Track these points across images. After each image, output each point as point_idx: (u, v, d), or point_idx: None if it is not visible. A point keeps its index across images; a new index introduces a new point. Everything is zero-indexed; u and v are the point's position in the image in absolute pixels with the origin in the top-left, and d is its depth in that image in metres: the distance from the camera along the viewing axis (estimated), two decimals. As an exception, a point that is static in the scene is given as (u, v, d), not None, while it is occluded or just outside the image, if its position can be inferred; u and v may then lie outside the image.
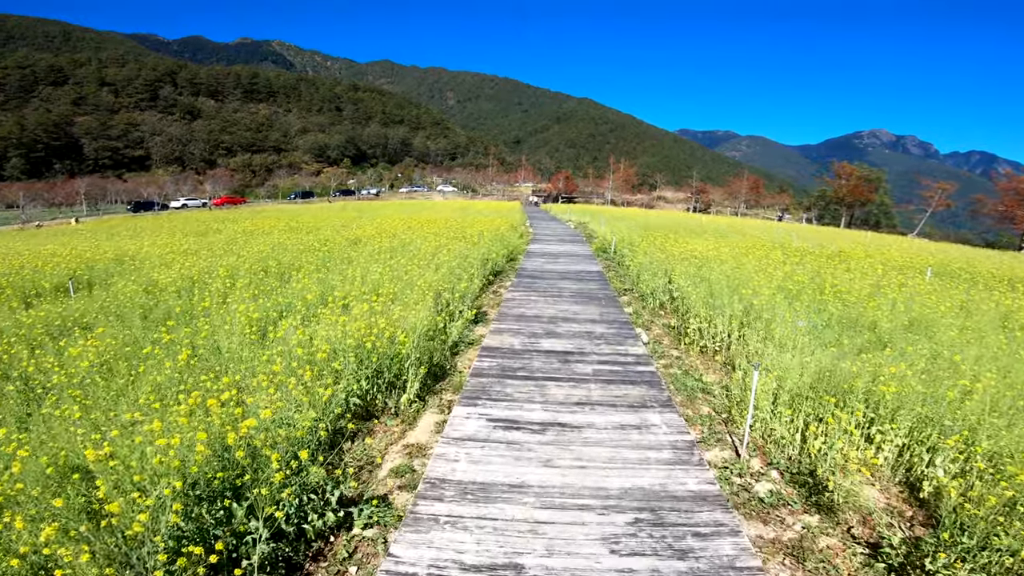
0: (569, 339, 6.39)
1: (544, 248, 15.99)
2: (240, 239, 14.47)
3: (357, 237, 13.88)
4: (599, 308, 7.95)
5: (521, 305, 8.02)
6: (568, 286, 9.71)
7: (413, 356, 5.30)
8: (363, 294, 6.77)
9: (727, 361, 6.83)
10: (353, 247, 12.26)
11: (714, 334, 7.13)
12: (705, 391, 6.03)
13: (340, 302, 6.34)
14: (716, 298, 7.63)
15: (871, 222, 64.44)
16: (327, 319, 5.54)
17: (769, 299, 7.21)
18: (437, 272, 8.43)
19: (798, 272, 9.82)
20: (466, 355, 6.76)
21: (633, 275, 11.00)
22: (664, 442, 4.12)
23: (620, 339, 6.50)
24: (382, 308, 5.99)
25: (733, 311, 7.14)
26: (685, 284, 8.24)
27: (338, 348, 4.93)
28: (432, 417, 5.18)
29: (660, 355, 6.94)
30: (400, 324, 5.50)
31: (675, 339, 7.80)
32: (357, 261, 9.95)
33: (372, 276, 7.34)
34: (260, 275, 8.45)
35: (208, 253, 11.57)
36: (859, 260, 13.01)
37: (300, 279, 7.75)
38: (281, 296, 6.55)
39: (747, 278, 8.61)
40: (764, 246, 14.31)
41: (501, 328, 6.78)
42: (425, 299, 6.46)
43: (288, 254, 10.54)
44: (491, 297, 9.77)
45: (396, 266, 8.54)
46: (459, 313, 7.55)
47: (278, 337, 5.00)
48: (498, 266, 12.19)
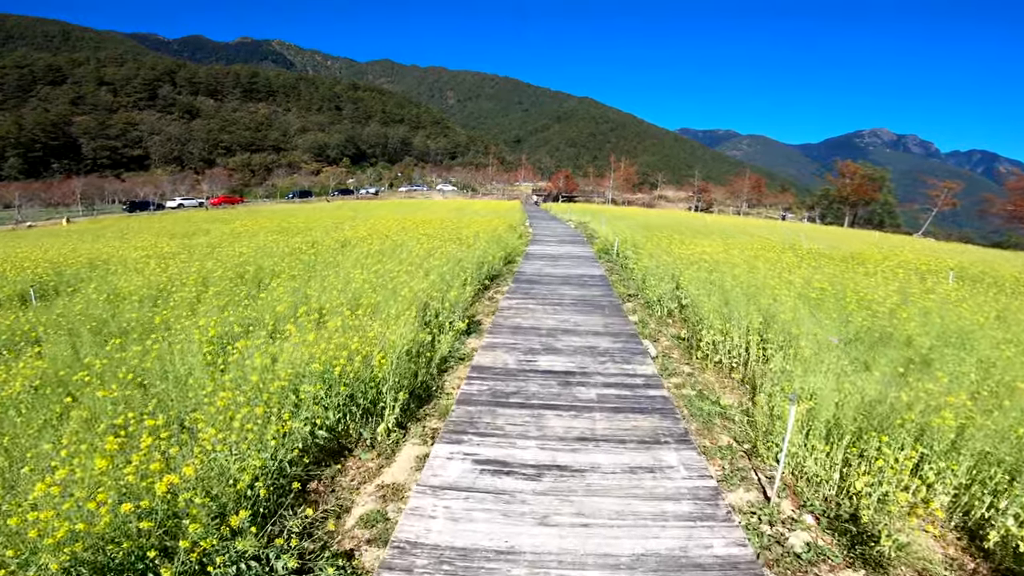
0: (570, 356, 5.72)
1: (544, 250, 15.33)
2: (225, 241, 13.82)
3: (347, 239, 13.22)
4: (603, 318, 7.28)
5: (518, 314, 7.35)
6: (569, 292, 9.04)
7: (392, 380, 4.64)
8: (341, 305, 6.11)
9: (745, 379, 6.17)
10: (342, 250, 11.60)
11: (730, 348, 6.47)
12: (724, 416, 5.37)
13: (314, 315, 5.67)
14: (731, 307, 6.96)
15: (874, 221, 63.66)
16: (296, 337, 4.88)
17: (791, 309, 6.54)
18: (427, 278, 7.77)
19: (815, 277, 9.15)
20: (455, 373, 6.10)
21: (638, 279, 10.34)
22: (683, 489, 3.45)
23: (627, 356, 5.83)
24: (360, 323, 5.33)
25: (751, 322, 6.47)
26: (696, 291, 7.57)
27: (303, 373, 4.26)
28: (413, 450, 4.53)
29: (670, 372, 6.27)
30: (378, 342, 4.84)
31: (686, 352, 7.13)
32: (343, 266, 9.29)
33: (354, 284, 6.67)
34: (235, 282, 7.79)
35: (187, 256, 10.93)
36: (876, 263, 12.33)
37: (276, 287, 7.09)
38: (251, 308, 5.88)
39: (763, 284, 7.94)
40: (775, 248, 13.63)
41: (495, 343, 6.11)
42: (409, 311, 5.79)
43: (270, 258, 9.88)
44: (486, 304, 9.10)
45: (382, 272, 7.88)
46: (449, 324, 6.89)
47: (233, 361, 4.33)
48: (495, 269, 11.53)
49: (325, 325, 5.35)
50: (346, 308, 5.78)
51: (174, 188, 78.11)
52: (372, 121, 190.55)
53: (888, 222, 64.46)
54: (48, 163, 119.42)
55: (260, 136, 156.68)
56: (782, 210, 70.32)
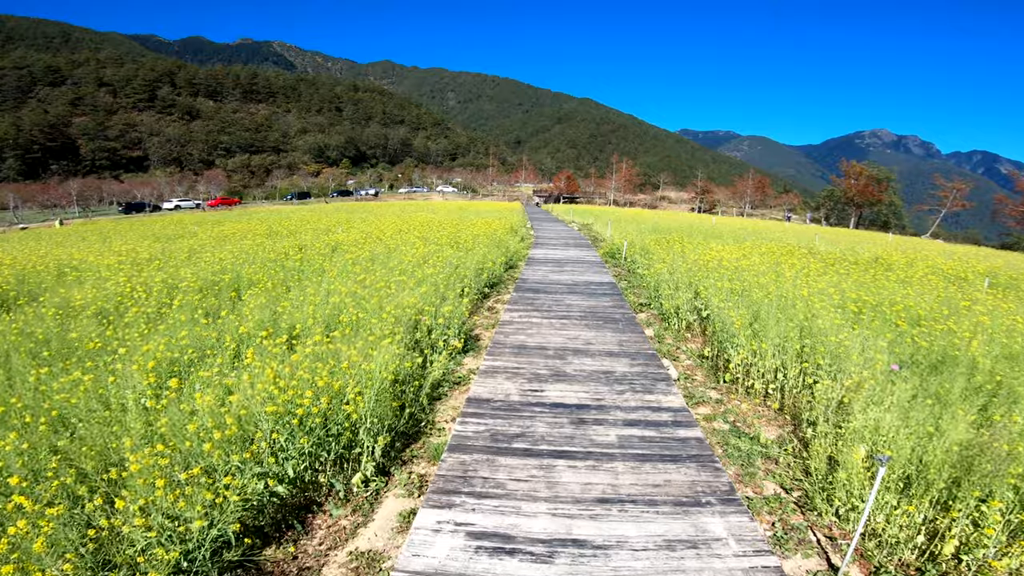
0: (583, 384, 4.90)
1: (547, 254, 14.50)
2: (208, 246, 13.01)
3: (338, 243, 12.41)
4: (617, 334, 6.46)
5: (521, 330, 6.53)
6: (577, 302, 8.22)
7: (370, 420, 3.82)
8: (316, 324, 5.29)
9: (785, 408, 5.34)
10: (331, 255, 10.79)
11: (764, 370, 5.65)
12: (766, 456, 4.55)
13: (284, 336, 4.86)
14: (762, 322, 6.14)
15: (880, 222, 62.77)
16: (257, 366, 4.06)
17: (834, 325, 5.72)
18: (419, 288, 6.95)
19: (846, 285, 8.32)
20: (449, 401, 5.29)
21: (650, 287, 9.52)
22: (737, 573, 2.64)
23: (648, 382, 5.01)
24: (336, 347, 4.51)
25: (787, 340, 5.66)
26: (720, 303, 6.75)
27: (258, 416, 3.45)
28: (396, 504, 3.72)
29: (697, 399, 5.45)
30: (355, 374, 4.02)
31: (711, 374, 6.31)
32: (329, 273, 8.48)
33: (334, 299, 5.85)
34: (205, 294, 6.98)
35: (162, 263, 10.11)
36: (903, 268, 11.50)
37: (248, 300, 6.28)
38: (211, 328, 5.07)
39: (792, 294, 7.12)
40: (793, 251, 12.80)
41: (495, 367, 5.29)
42: (395, 333, 4.98)
43: (251, 265, 9.07)
44: (485, 316, 8.29)
45: (369, 282, 7.06)
46: (444, 342, 6.08)
47: (177, 398, 3.52)
48: (495, 276, 10.71)
49: (298, 348, 4.53)
50: (320, 328, 4.96)
51: (171, 190, 77.41)
52: (372, 122, 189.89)
53: (894, 223, 63.58)
54: (47, 164, 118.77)
55: (260, 137, 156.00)
56: (786, 211, 69.46)
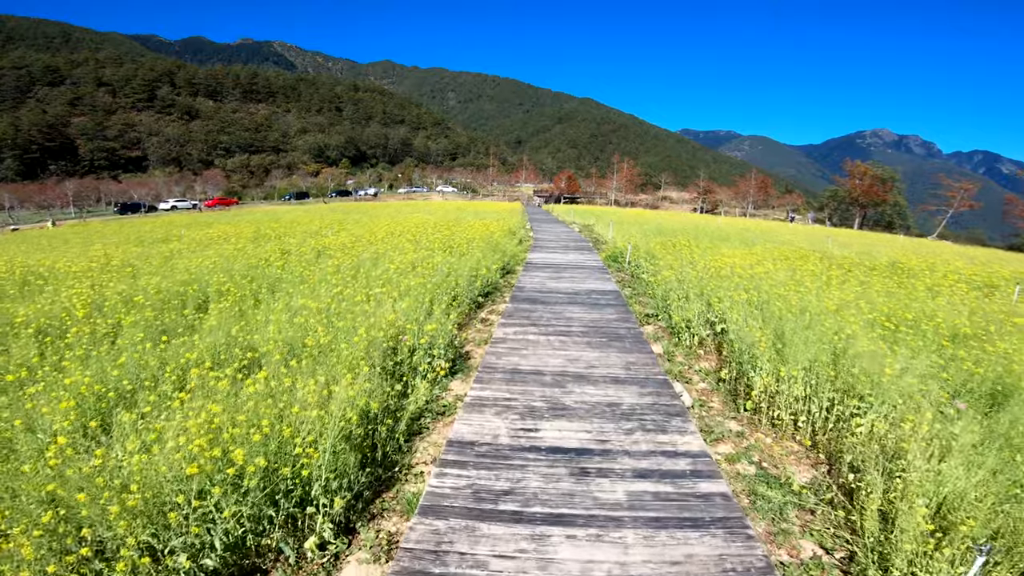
0: (584, 420, 4.20)
1: (546, 258, 13.80)
2: (189, 250, 12.33)
3: (325, 248, 11.72)
4: (623, 355, 5.75)
5: (515, 349, 5.82)
6: (578, 314, 7.51)
7: (325, 477, 3.13)
8: (281, 344, 4.60)
9: (819, 445, 4.64)
10: (316, 261, 10.11)
11: (791, 398, 4.94)
12: (799, 506, 3.85)
13: (236, 364, 4.17)
14: (787, 340, 5.44)
15: (884, 223, 61.99)
16: (193, 406, 3.37)
17: (873, 346, 5.02)
18: (403, 301, 6.26)
19: (872, 296, 7.62)
20: (431, 435, 4.59)
21: (657, 296, 8.81)
22: None
23: (661, 418, 4.31)
24: (293, 380, 3.81)
25: (819, 364, 4.96)
26: (738, 317, 6.05)
27: (180, 478, 2.76)
28: (358, 572, 3.03)
29: (716, 434, 4.74)
30: (308, 416, 3.32)
31: (728, 399, 5.60)
32: (310, 280, 7.80)
33: (301, 317, 5.15)
34: (164, 308, 6.29)
35: (134, 269, 9.44)
36: (923, 274, 10.79)
37: (210, 317, 5.59)
38: (155, 354, 4.37)
39: (817, 307, 6.42)
40: (807, 256, 12.10)
41: (483, 398, 4.59)
42: (368, 359, 4.28)
43: (225, 273, 8.38)
44: (478, 329, 7.59)
45: (347, 295, 6.36)
46: (429, 364, 5.38)
47: (68, 459, 2.83)
48: (490, 282, 10.02)
49: (247, 383, 3.84)
50: (280, 355, 4.26)
51: (168, 190, 76.84)
52: (372, 122, 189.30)
53: (899, 224, 62.78)
54: (45, 165, 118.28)
55: (259, 137, 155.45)
56: (790, 212, 68.71)
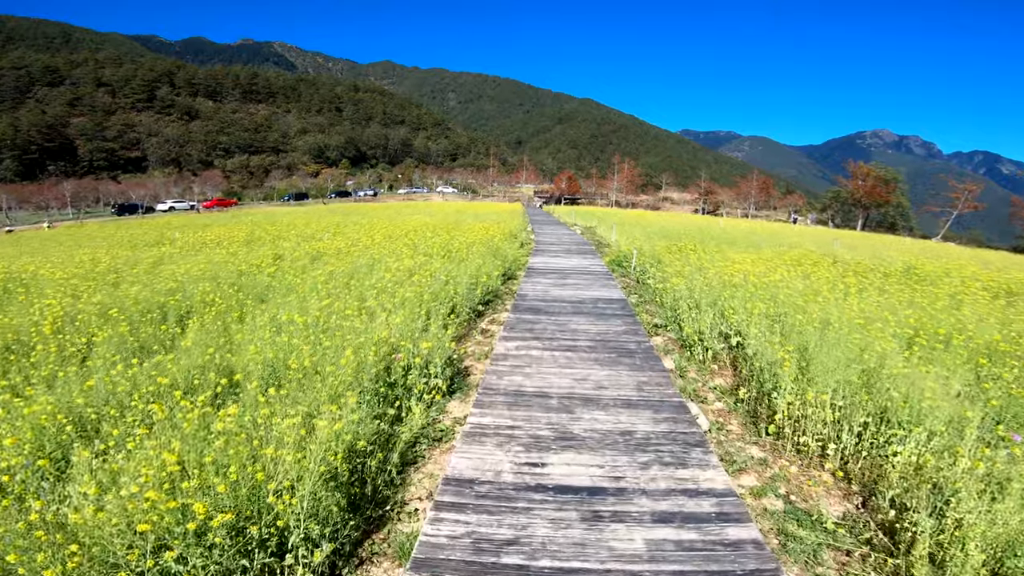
0: (595, 452, 3.79)
1: (548, 263, 13.40)
2: (179, 255, 11.93)
3: (320, 252, 11.33)
4: (634, 373, 5.34)
5: (517, 367, 5.41)
6: (584, 326, 7.11)
7: (304, 525, 2.73)
8: (262, 366, 4.20)
9: (852, 476, 4.23)
10: (310, 267, 9.72)
11: (818, 421, 4.54)
12: (834, 547, 3.46)
13: (212, 389, 3.77)
14: (811, 358, 5.04)
15: (887, 224, 61.56)
16: (161, 437, 2.97)
17: (905, 366, 4.62)
18: (397, 314, 5.86)
19: (894, 305, 7.21)
20: (427, 465, 4.19)
21: (667, 305, 8.41)
22: None
23: (680, 449, 3.91)
24: (271, 409, 3.41)
25: (849, 385, 4.56)
26: (757, 331, 5.64)
27: (128, 529, 2.36)
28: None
29: (736, 463, 4.34)
30: (285, 458, 2.92)
31: (747, 421, 5.20)
32: (299, 290, 7.40)
33: (285, 336, 4.74)
34: (144, 320, 5.89)
35: (118, 276, 9.04)
36: (941, 280, 10.38)
37: (188, 334, 5.20)
38: (125, 377, 3.97)
39: (839, 319, 6.02)
40: (818, 260, 11.69)
41: (483, 426, 4.19)
42: (357, 384, 3.88)
43: (212, 281, 7.99)
44: (478, 341, 7.18)
45: (338, 308, 5.96)
46: (425, 385, 4.98)
47: None
48: (491, 289, 9.62)
49: (218, 417, 3.43)
50: (260, 379, 3.86)
51: (167, 191, 76.48)
52: (373, 122, 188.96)
53: (901, 225, 62.35)
54: (44, 165, 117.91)
55: (259, 138, 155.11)
56: (792, 213, 68.30)
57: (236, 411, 3.02)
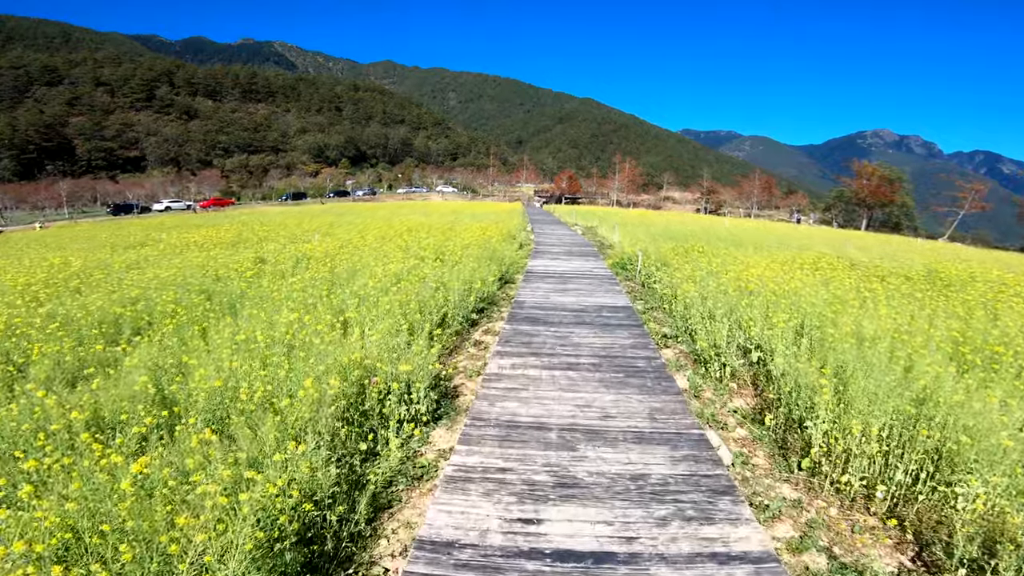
0: (603, 503, 3.14)
1: (548, 266, 12.74)
2: (159, 257, 11.29)
3: (306, 255, 10.68)
4: (644, 397, 4.68)
5: (512, 390, 4.75)
6: (587, 339, 6.45)
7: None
8: (208, 397, 3.54)
9: (907, 522, 3.57)
10: (290, 272, 9.07)
11: (864, 459, 3.88)
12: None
13: (139, 427, 3.12)
14: (849, 381, 4.39)
15: (891, 224, 60.80)
16: (42, 508, 2.32)
17: (955, 385, 3.97)
18: (376, 327, 5.21)
19: (928, 312, 6.56)
20: (402, 512, 3.54)
21: (677, 314, 7.75)
22: None
23: (704, 498, 3.25)
24: (197, 463, 2.75)
25: (901, 415, 3.91)
26: (784, 349, 4.98)
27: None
28: None
29: (771, 511, 3.67)
30: (208, 531, 2.27)
31: (775, 451, 4.54)
32: (275, 300, 6.75)
33: (235, 361, 4.08)
34: (95, 335, 5.24)
35: (85, 280, 8.39)
36: (967, 285, 9.71)
37: (134, 353, 4.55)
38: (41, 412, 3.31)
39: (874, 333, 5.37)
40: (834, 264, 11.03)
41: (468, 468, 3.52)
42: (314, 425, 3.23)
43: (180, 289, 7.35)
44: (470, 354, 6.53)
45: (309, 321, 5.30)
46: (406, 411, 4.33)
47: None
48: (487, 296, 8.97)
49: (132, 470, 2.78)
50: (195, 418, 3.21)
51: (164, 191, 75.89)
52: (372, 122, 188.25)
53: (906, 225, 61.57)
54: (42, 165, 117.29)
55: (259, 137, 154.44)
56: (795, 213, 67.58)
57: (142, 465, 2.37)
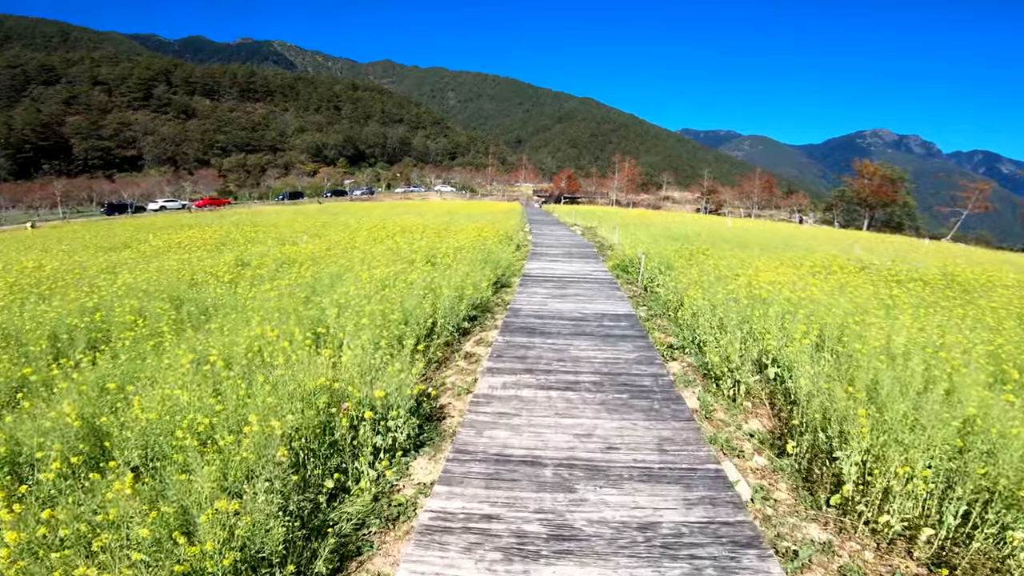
0: (605, 563, 2.60)
1: (546, 268, 12.21)
2: (138, 260, 10.77)
3: (291, 258, 10.15)
4: (652, 423, 4.15)
5: (503, 415, 4.22)
6: (587, 352, 5.92)
7: None
8: (145, 431, 3.02)
9: (953, 565, 3.06)
10: (273, 276, 8.54)
11: (907, 498, 3.37)
12: None
13: (50, 473, 2.59)
14: (884, 404, 3.88)
15: (893, 224, 60.31)
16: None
17: (1005, 410, 3.45)
18: (353, 345, 4.68)
19: (956, 325, 6.04)
20: (373, 561, 3.02)
21: (684, 324, 7.23)
22: None
23: (728, 554, 2.73)
24: (113, 515, 2.23)
25: (936, 442, 3.40)
26: (808, 367, 4.46)
27: None
28: None
29: (798, 556, 3.16)
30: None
31: (798, 482, 4.02)
32: (250, 308, 6.22)
33: (182, 392, 3.55)
34: (43, 351, 4.72)
35: (51, 286, 7.85)
36: (989, 291, 9.19)
37: (79, 376, 4.03)
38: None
39: (906, 345, 4.85)
40: (845, 266, 10.52)
41: (448, 515, 3.00)
42: (265, 466, 2.71)
43: (145, 297, 6.83)
44: (460, 367, 6.00)
45: (275, 336, 4.77)
46: (381, 442, 3.81)
47: None
48: (479, 302, 8.44)
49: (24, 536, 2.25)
50: (134, 454, 2.69)
51: (161, 190, 75.28)
52: (371, 121, 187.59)
53: (908, 225, 61.08)
54: (39, 164, 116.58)
55: (256, 136, 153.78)
56: (797, 212, 67.06)
57: (51, 513, 1.84)
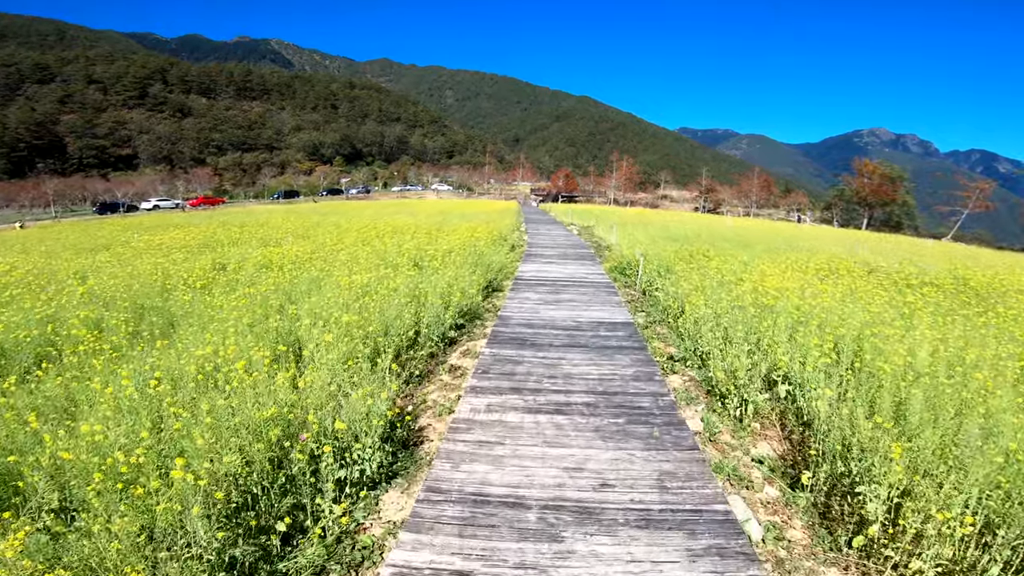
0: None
1: (540, 271, 11.75)
2: (114, 263, 10.29)
3: (272, 261, 9.69)
4: (651, 452, 3.70)
5: (484, 446, 3.75)
6: (580, 366, 5.47)
7: None
8: (51, 476, 2.56)
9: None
10: (250, 280, 8.08)
11: (949, 542, 2.93)
12: None
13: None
14: (917, 435, 3.45)
15: (892, 223, 59.96)
16: None
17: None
18: (321, 363, 4.23)
19: (981, 332, 5.61)
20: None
21: (686, 334, 6.78)
22: None
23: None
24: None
25: (986, 484, 2.97)
26: (827, 388, 4.03)
27: None
28: None
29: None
30: None
31: (816, 520, 3.57)
32: (216, 320, 5.75)
33: (120, 427, 3.09)
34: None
35: (12, 294, 7.39)
36: (1005, 295, 8.79)
37: (9, 398, 3.57)
38: None
39: (929, 365, 4.42)
40: (852, 269, 10.09)
41: (413, 571, 2.55)
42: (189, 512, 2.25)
43: (102, 306, 6.36)
44: (444, 382, 5.54)
45: (231, 355, 4.31)
46: (347, 475, 3.35)
47: None
48: (467, 308, 7.98)
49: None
50: (46, 499, 2.23)
51: (155, 189, 74.60)
52: (368, 119, 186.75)
53: (907, 224, 60.74)
54: (33, 163, 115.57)
55: (253, 135, 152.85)
56: (796, 212, 66.69)
57: None
